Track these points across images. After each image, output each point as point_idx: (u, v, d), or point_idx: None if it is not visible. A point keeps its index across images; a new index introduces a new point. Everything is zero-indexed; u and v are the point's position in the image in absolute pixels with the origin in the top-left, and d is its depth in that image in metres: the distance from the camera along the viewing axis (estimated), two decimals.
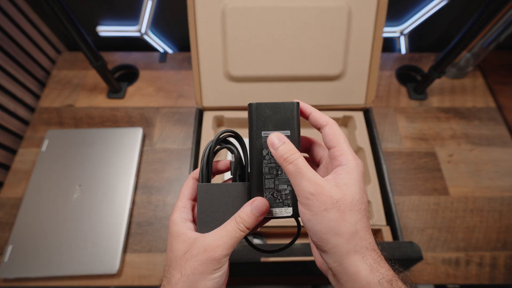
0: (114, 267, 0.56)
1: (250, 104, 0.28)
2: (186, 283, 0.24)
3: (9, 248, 0.57)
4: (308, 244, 0.47)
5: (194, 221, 0.29)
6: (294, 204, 0.27)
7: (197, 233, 0.27)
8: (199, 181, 0.28)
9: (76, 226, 0.59)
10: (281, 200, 0.27)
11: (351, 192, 0.24)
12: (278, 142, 0.25)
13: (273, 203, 0.27)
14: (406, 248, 0.45)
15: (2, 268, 0.56)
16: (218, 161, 0.30)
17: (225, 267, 0.25)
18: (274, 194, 0.27)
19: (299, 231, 0.30)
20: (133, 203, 0.64)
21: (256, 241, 0.57)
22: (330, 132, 0.26)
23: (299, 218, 0.25)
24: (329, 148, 0.26)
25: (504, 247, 0.60)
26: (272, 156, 0.27)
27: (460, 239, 0.61)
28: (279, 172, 0.27)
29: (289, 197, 0.27)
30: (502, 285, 0.58)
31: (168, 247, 0.27)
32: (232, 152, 0.29)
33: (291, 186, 0.27)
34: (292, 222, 0.55)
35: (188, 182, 0.29)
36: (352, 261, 0.22)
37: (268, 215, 0.27)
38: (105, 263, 0.56)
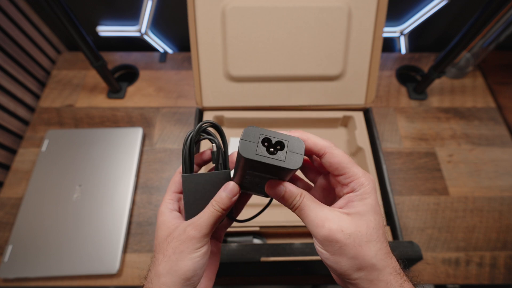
0: (114, 267, 0.56)
1: (241, 156, 0.22)
2: (168, 262, 0.25)
3: (9, 248, 0.57)
4: (308, 244, 0.47)
5: (180, 211, 0.30)
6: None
7: (181, 221, 0.28)
8: (183, 172, 0.29)
9: (76, 226, 0.59)
10: (256, 192, 0.29)
11: (365, 221, 0.23)
12: (280, 192, 0.25)
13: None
14: (406, 248, 0.45)
15: (2, 268, 0.56)
16: (202, 152, 0.31)
17: (205, 248, 0.26)
18: (252, 190, 0.29)
19: (269, 204, 0.32)
20: (133, 203, 0.64)
21: (256, 241, 0.57)
22: (333, 161, 0.24)
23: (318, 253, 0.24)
24: (335, 175, 0.25)
25: (504, 247, 0.60)
26: (254, 177, 0.26)
27: (460, 239, 0.61)
28: (259, 186, 0.27)
29: (263, 189, 0.27)
30: (502, 285, 0.58)
31: (155, 235, 0.28)
32: (213, 142, 0.29)
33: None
34: (292, 222, 0.55)
35: (175, 177, 0.30)
36: None
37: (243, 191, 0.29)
38: (105, 263, 0.56)
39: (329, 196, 0.28)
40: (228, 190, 0.27)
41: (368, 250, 0.22)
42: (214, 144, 0.29)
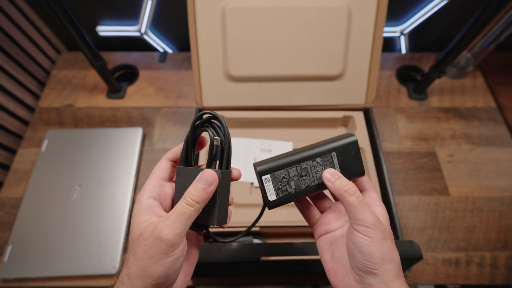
0: (114, 267, 0.56)
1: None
2: (138, 267, 0.23)
3: (9, 248, 0.57)
4: (308, 244, 0.47)
5: (161, 199, 0.28)
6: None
7: (153, 216, 0.26)
8: (179, 164, 0.28)
9: (76, 226, 0.59)
10: None
11: (390, 231, 0.27)
12: (334, 177, 0.28)
13: None
14: (406, 248, 0.45)
15: (2, 268, 0.56)
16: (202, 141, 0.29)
17: (179, 252, 0.24)
18: None
19: (260, 216, 0.32)
20: (133, 203, 0.64)
21: (256, 241, 0.57)
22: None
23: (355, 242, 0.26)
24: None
25: (504, 247, 0.60)
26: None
27: (460, 239, 0.61)
28: None
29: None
30: (502, 285, 0.58)
31: (130, 229, 0.26)
32: (216, 135, 0.27)
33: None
34: (292, 222, 0.55)
35: (161, 163, 0.29)
36: (397, 284, 0.25)
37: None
38: (105, 263, 0.56)
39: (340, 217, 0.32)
40: (201, 179, 0.25)
41: (396, 249, 0.26)
42: (217, 138, 0.27)
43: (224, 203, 0.27)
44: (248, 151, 0.66)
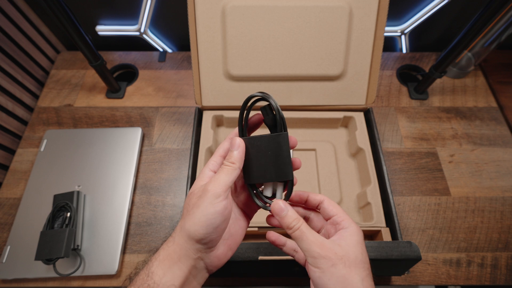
0: (113, 267, 0.56)
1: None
2: (189, 217, 0.27)
3: (7, 249, 0.57)
4: None
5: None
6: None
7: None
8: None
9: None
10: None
11: (354, 251, 0.26)
12: (283, 211, 0.28)
13: None
14: (405, 248, 0.45)
15: (0, 269, 0.55)
16: (252, 116, 0.33)
17: (220, 206, 0.27)
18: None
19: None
20: (132, 203, 0.64)
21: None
22: (330, 204, 0.30)
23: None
24: (329, 217, 0.30)
25: (505, 247, 0.60)
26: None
27: (461, 240, 0.60)
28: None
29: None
30: (503, 286, 0.57)
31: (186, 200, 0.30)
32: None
33: None
34: None
35: (225, 142, 0.32)
36: None
37: None
38: (104, 263, 0.56)
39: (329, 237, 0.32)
40: (235, 146, 0.30)
41: (356, 273, 0.25)
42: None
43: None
44: None
